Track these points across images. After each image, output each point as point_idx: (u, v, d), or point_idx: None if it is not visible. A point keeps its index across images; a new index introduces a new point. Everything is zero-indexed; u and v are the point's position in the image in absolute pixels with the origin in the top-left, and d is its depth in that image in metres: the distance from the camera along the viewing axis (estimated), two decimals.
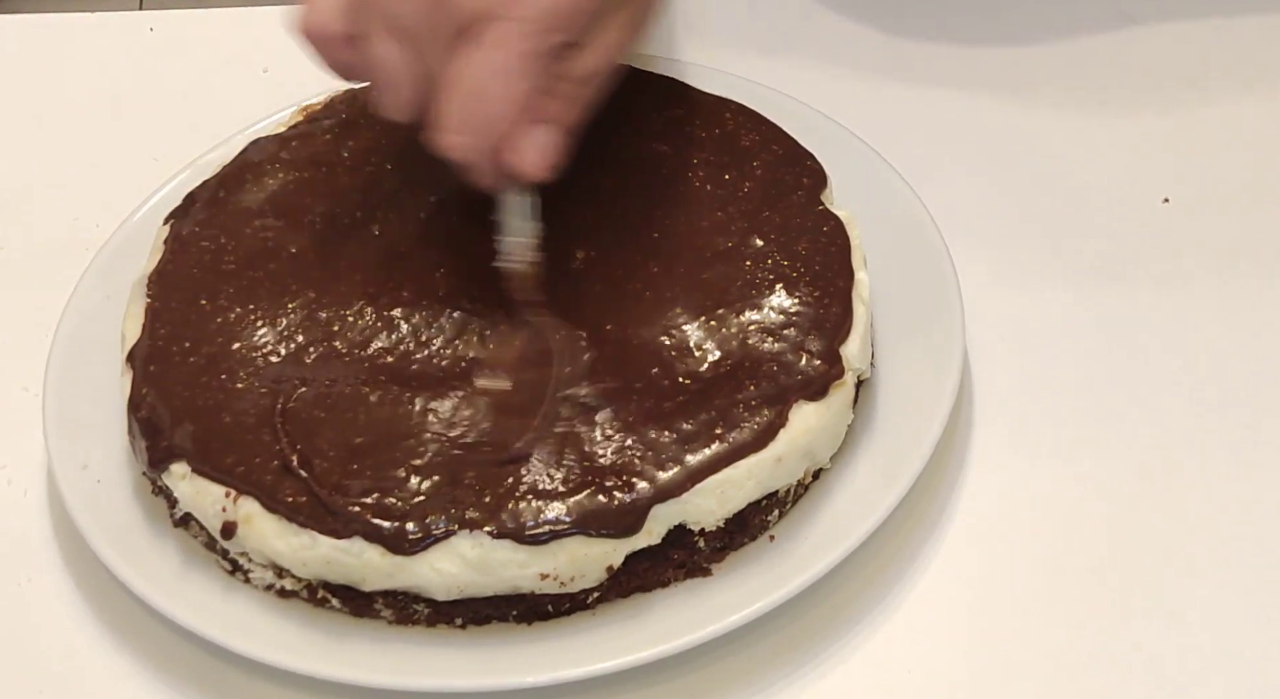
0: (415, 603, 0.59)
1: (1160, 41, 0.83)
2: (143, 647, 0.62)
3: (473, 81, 0.58)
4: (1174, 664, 0.59)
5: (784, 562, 0.60)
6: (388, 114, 0.62)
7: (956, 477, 0.65)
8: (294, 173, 0.70)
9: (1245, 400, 0.67)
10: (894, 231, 0.69)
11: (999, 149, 0.78)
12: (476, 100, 0.58)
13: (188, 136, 0.77)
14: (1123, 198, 0.76)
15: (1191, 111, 0.79)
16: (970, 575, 0.62)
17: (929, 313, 0.66)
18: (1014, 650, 0.60)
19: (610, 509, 0.58)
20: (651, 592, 0.60)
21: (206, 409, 0.62)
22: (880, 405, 0.65)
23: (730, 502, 0.59)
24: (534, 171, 0.61)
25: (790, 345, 0.62)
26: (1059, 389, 0.68)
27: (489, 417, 0.60)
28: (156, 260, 0.68)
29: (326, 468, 0.59)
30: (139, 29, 0.91)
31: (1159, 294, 0.71)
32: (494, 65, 0.58)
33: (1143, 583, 0.62)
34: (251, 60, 0.87)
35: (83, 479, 0.64)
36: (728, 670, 0.60)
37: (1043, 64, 0.82)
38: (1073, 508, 0.64)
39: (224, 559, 0.61)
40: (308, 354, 0.63)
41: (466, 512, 0.58)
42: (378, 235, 0.68)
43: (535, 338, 0.63)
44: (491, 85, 0.58)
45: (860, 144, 0.72)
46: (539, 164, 0.61)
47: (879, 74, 0.82)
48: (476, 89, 0.58)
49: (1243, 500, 0.64)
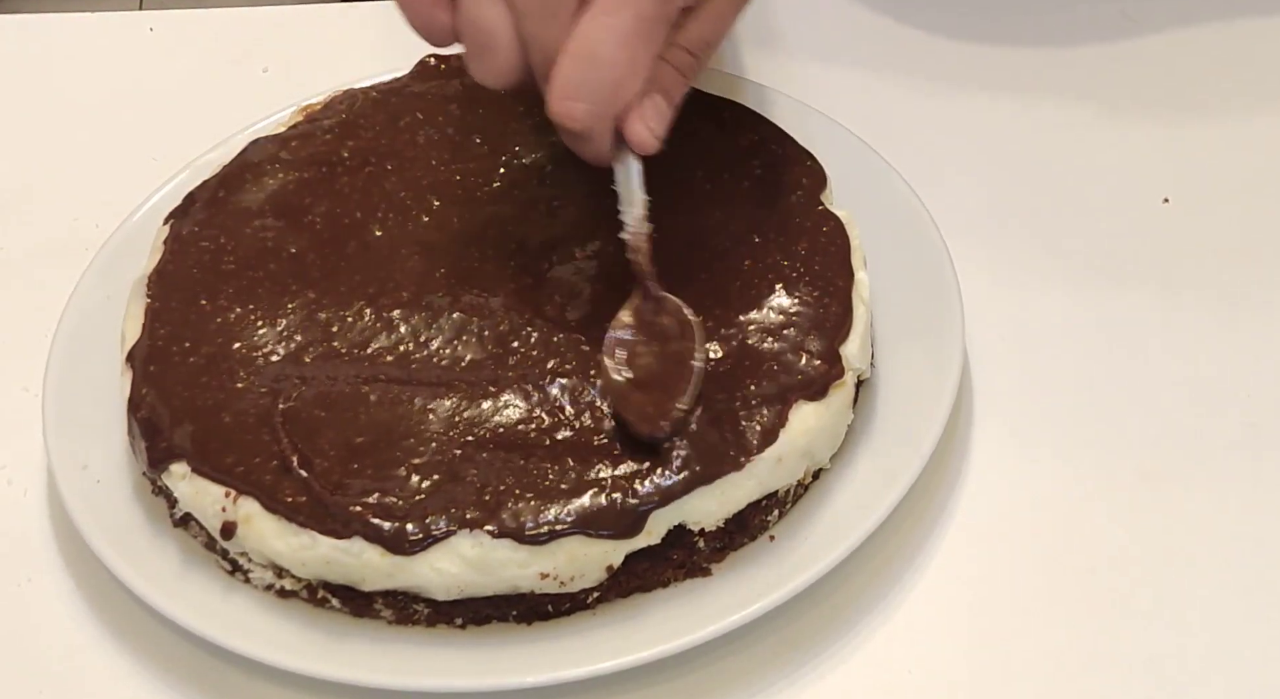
0: (415, 603, 0.59)
1: (1161, 42, 0.83)
2: (143, 647, 0.62)
3: (595, 46, 0.56)
4: (1174, 664, 0.59)
5: (784, 562, 0.60)
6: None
7: (956, 477, 0.65)
8: (294, 173, 0.70)
9: (1245, 400, 0.67)
10: (894, 231, 0.69)
11: (999, 149, 0.78)
12: (599, 66, 0.56)
13: (188, 136, 0.77)
14: (1123, 198, 0.76)
15: (1191, 112, 0.79)
16: (970, 575, 0.62)
17: (929, 313, 0.66)
18: (1014, 650, 0.60)
19: (610, 510, 0.58)
20: (651, 592, 0.60)
21: (206, 409, 0.62)
22: (880, 405, 0.65)
23: (730, 502, 0.59)
24: (651, 142, 0.59)
25: (790, 345, 0.62)
26: (1059, 389, 0.68)
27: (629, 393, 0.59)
28: (156, 260, 0.68)
29: (327, 467, 0.59)
30: (139, 29, 0.91)
31: (1159, 294, 0.71)
32: (617, 30, 0.56)
33: (1142, 583, 0.62)
34: (251, 60, 0.87)
35: (83, 479, 0.64)
36: (728, 670, 0.60)
37: (1043, 64, 0.82)
38: (1073, 508, 0.64)
39: (224, 559, 0.61)
40: (307, 354, 0.63)
41: (466, 511, 0.58)
42: (378, 235, 0.68)
43: (663, 312, 0.62)
44: (615, 51, 0.56)
45: (860, 144, 0.72)
46: (656, 134, 0.59)
47: (879, 74, 0.82)
48: (599, 54, 0.56)
49: (1242, 500, 0.64)
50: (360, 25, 0.89)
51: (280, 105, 0.76)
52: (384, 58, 0.77)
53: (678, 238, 0.66)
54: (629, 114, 0.58)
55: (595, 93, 0.57)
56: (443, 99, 0.73)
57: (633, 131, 0.58)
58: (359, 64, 0.78)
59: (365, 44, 0.87)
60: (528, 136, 0.71)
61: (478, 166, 0.70)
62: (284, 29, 0.90)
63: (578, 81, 0.57)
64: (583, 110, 0.57)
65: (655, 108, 0.59)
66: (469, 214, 0.68)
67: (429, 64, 0.75)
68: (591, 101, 0.57)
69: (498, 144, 0.71)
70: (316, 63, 0.85)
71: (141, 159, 0.81)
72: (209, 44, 0.89)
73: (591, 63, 0.56)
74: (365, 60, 0.79)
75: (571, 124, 0.58)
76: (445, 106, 0.73)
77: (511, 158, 0.70)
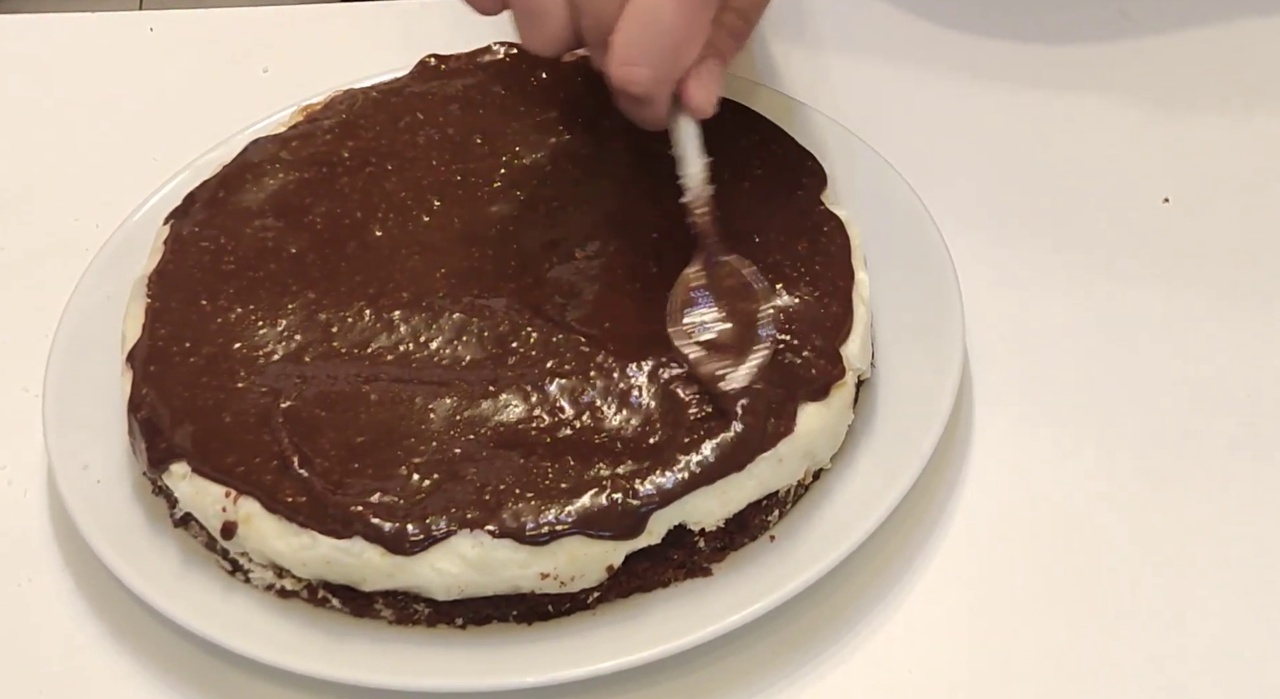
0: (415, 603, 0.59)
1: (1160, 42, 0.83)
2: (143, 647, 0.62)
3: (656, 10, 0.56)
4: (1174, 664, 0.59)
5: (784, 562, 0.60)
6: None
7: (956, 477, 0.65)
8: (294, 173, 0.70)
9: (1245, 400, 0.67)
10: (894, 231, 0.69)
11: (999, 149, 0.78)
12: (660, 31, 0.57)
13: (188, 136, 0.77)
14: (1123, 198, 0.76)
15: (1191, 112, 0.79)
16: (970, 575, 0.62)
17: (929, 313, 0.66)
18: (1014, 650, 0.60)
19: (611, 510, 0.58)
20: (651, 592, 0.60)
21: (206, 409, 0.62)
22: (880, 405, 0.65)
23: (731, 502, 0.59)
24: (710, 105, 0.59)
25: (791, 345, 0.62)
26: (1059, 389, 0.68)
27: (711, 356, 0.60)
28: (156, 260, 0.68)
29: (327, 467, 0.59)
30: (139, 29, 0.91)
31: (1159, 294, 0.71)
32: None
33: (1142, 583, 0.62)
34: (251, 60, 0.87)
35: (83, 479, 0.64)
36: (728, 670, 0.60)
37: (1043, 64, 0.82)
38: (1073, 508, 0.64)
39: (224, 559, 0.61)
40: (308, 354, 0.63)
41: (467, 511, 0.58)
42: (378, 236, 0.68)
43: (727, 274, 0.62)
44: (675, 15, 0.56)
45: (860, 144, 0.72)
46: (714, 97, 0.59)
47: (879, 74, 0.82)
48: (660, 19, 0.56)
49: (1242, 500, 0.64)
50: (360, 25, 0.89)
51: (280, 105, 0.76)
52: (384, 58, 0.78)
53: (678, 238, 0.66)
54: (688, 78, 0.59)
55: (657, 57, 0.57)
56: (443, 99, 0.73)
57: (693, 95, 0.59)
58: (359, 64, 0.78)
59: (365, 44, 0.87)
60: (528, 136, 0.71)
61: (478, 167, 0.70)
62: (284, 29, 0.90)
63: (640, 46, 0.57)
64: (645, 74, 0.57)
65: (712, 72, 0.59)
66: (469, 214, 0.68)
67: (429, 64, 0.75)
68: (653, 66, 0.57)
69: (498, 144, 0.71)
70: (316, 63, 0.85)
71: (141, 159, 0.81)
72: (209, 44, 0.89)
73: (653, 27, 0.57)
74: (365, 60, 0.79)
75: (634, 88, 0.58)
76: (446, 107, 0.73)
77: (512, 158, 0.70)
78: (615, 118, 0.69)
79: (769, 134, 0.70)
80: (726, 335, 0.61)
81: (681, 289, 0.62)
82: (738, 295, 0.61)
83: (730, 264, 0.62)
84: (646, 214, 0.67)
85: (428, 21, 0.87)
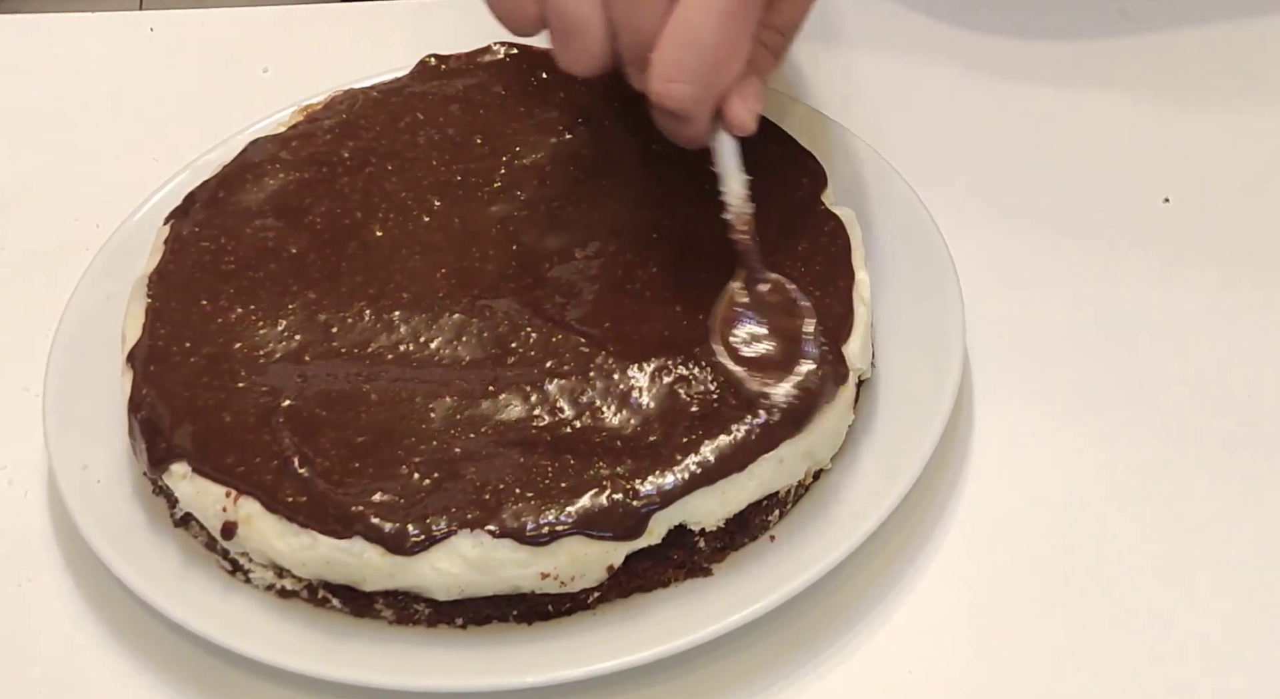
0: (415, 603, 0.59)
1: (1160, 41, 0.83)
2: (143, 647, 0.62)
3: (698, 28, 0.56)
4: (1174, 664, 0.59)
5: (784, 562, 0.60)
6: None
7: (956, 477, 0.65)
8: (294, 173, 0.70)
9: (1245, 400, 0.67)
10: (894, 231, 0.69)
11: (999, 149, 0.78)
12: (701, 48, 0.56)
13: (188, 136, 0.77)
14: (1123, 197, 0.76)
15: (1191, 111, 0.79)
16: (970, 575, 0.62)
17: (929, 313, 0.66)
18: (1014, 650, 0.60)
19: (612, 511, 0.58)
20: (652, 591, 0.60)
21: (207, 409, 0.62)
22: (880, 405, 0.65)
23: (731, 502, 0.59)
24: (752, 122, 0.59)
25: None
26: (1059, 388, 0.68)
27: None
28: (156, 260, 0.68)
29: (328, 467, 0.59)
30: (139, 29, 0.91)
31: (1159, 294, 0.71)
32: (718, 12, 0.56)
33: (1143, 583, 0.62)
34: (251, 60, 0.87)
35: (83, 479, 0.64)
36: (728, 670, 0.60)
37: (1042, 63, 0.82)
38: (1073, 508, 0.64)
39: (224, 559, 0.61)
40: (308, 354, 0.63)
41: (467, 511, 0.58)
42: (378, 236, 0.68)
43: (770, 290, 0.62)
44: (717, 33, 0.56)
45: (860, 144, 0.72)
46: (756, 114, 0.59)
47: (879, 74, 0.82)
48: (701, 37, 0.56)
49: (1243, 500, 0.64)
50: (360, 25, 0.89)
51: (280, 105, 0.76)
52: (384, 58, 0.78)
53: (677, 238, 0.66)
54: (730, 95, 0.59)
55: (698, 74, 0.57)
56: (443, 99, 0.73)
57: (736, 113, 0.59)
58: (359, 64, 0.78)
59: (365, 44, 0.87)
60: (528, 137, 0.71)
61: (478, 167, 0.70)
62: (284, 29, 0.90)
63: (681, 63, 0.57)
64: (687, 92, 0.57)
65: (754, 88, 0.59)
66: (469, 214, 0.68)
67: (429, 64, 0.75)
68: (695, 83, 0.57)
69: (498, 144, 0.71)
70: (316, 63, 0.85)
71: (141, 159, 0.81)
72: (209, 44, 0.89)
73: (694, 45, 0.57)
74: (365, 60, 0.79)
75: (675, 106, 0.58)
76: (446, 107, 0.73)
77: (512, 158, 0.70)
78: (616, 118, 0.69)
79: (769, 134, 0.70)
80: (771, 352, 0.61)
81: (725, 305, 0.62)
82: (781, 311, 0.61)
83: (774, 280, 0.62)
84: (647, 214, 0.67)
85: (428, 21, 0.87)
